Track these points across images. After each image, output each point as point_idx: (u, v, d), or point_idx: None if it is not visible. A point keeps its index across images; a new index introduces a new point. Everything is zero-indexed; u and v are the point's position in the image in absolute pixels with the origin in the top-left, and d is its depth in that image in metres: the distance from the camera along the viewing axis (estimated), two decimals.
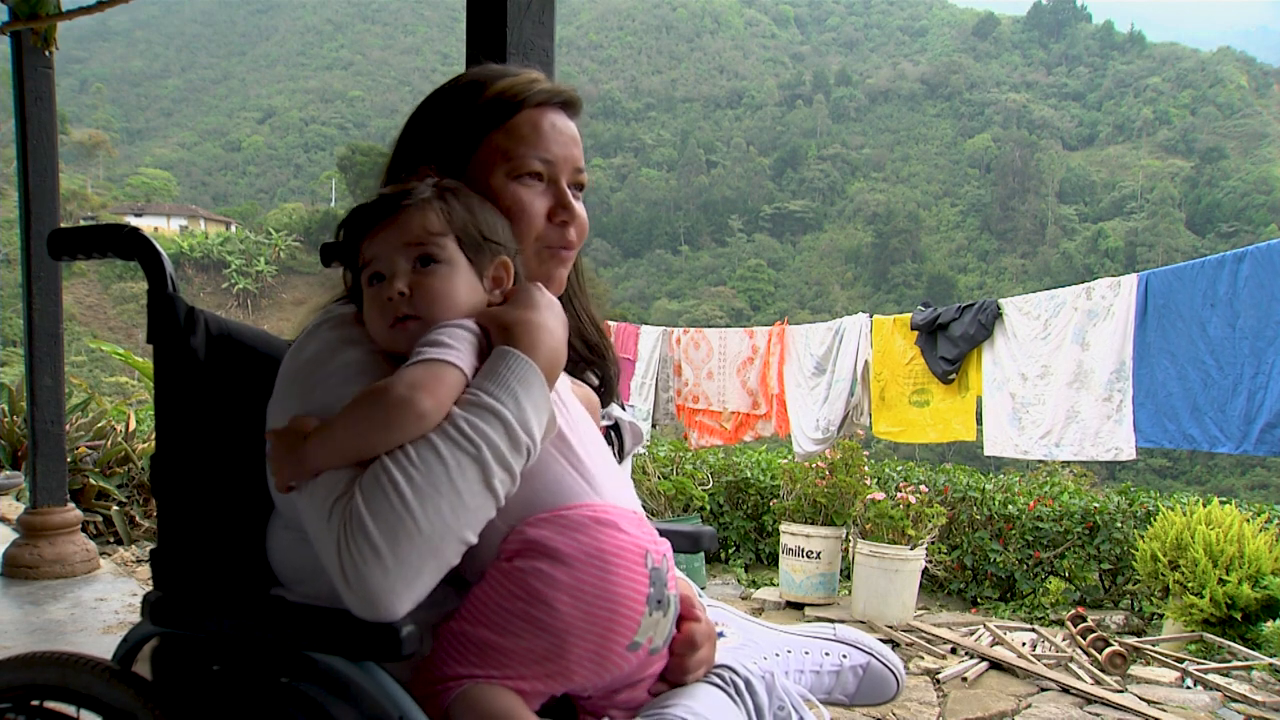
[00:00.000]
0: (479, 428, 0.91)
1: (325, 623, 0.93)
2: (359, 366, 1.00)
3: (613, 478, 1.05)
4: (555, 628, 0.92)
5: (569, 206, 1.14)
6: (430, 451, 0.90)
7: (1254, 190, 75.01)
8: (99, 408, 6.80)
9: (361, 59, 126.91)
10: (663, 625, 1.00)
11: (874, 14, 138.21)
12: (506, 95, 1.12)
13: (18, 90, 4.22)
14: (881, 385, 5.83)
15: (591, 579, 0.93)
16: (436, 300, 1.01)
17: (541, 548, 0.93)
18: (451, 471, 0.89)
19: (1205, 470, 39.95)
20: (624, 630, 0.95)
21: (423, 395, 0.91)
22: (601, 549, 0.94)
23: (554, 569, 0.92)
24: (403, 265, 1.02)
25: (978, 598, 6.41)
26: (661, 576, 0.98)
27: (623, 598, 0.94)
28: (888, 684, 1.42)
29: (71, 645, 2.64)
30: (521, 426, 0.93)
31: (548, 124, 1.14)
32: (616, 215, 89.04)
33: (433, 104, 1.17)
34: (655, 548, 0.99)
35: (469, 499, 0.90)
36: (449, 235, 1.03)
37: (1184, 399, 4.18)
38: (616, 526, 0.97)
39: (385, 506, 0.87)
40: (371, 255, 1.03)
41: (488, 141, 1.12)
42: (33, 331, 4.24)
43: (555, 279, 1.17)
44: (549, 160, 1.13)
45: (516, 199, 1.11)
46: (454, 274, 1.02)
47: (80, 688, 1.11)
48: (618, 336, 7.71)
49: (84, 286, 54.55)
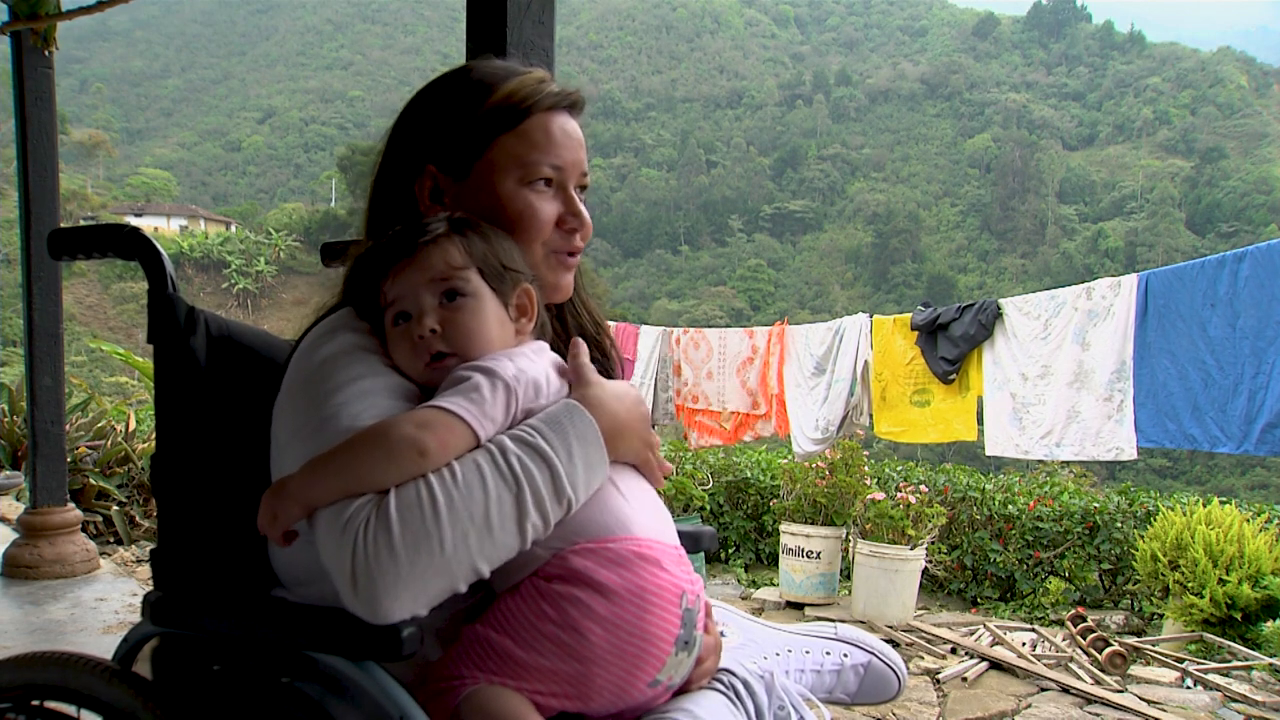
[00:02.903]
0: (527, 467, 0.91)
1: (326, 623, 0.93)
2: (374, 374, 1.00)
3: (654, 509, 1.05)
4: (583, 655, 0.92)
5: (579, 214, 1.14)
6: (476, 477, 0.90)
7: (1254, 190, 74.97)
8: (99, 408, 6.80)
9: (361, 59, 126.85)
10: (685, 664, 1.00)
11: (874, 14, 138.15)
12: (517, 98, 1.11)
13: (18, 90, 4.22)
14: (883, 385, 5.82)
15: (629, 615, 0.93)
16: (469, 335, 1.01)
17: (584, 577, 0.93)
18: (490, 502, 0.89)
19: (1205, 470, 39.93)
20: (650, 668, 0.95)
21: (430, 436, 0.90)
22: (643, 586, 0.94)
23: (593, 600, 0.92)
24: (429, 302, 1.01)
25: (978, 598, 6.41)
26: (693, 618, 0.99)
27: (654, 637, 0.94)
28: (889, 683, 1.41)
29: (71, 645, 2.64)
30: (569, 480, 0.93)
31: (558, 129, 1.13)
32: (616, 215, 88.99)
33: (433, 98, 1.14)
34: (691, 588, 0.99)
35: (498, 534, 0.90)
36: (471, 268, 1.02)
37: (1185, 399, 4.18)
38: (659, 564, 0.97)
39: (417, 518, 0.87)
40: (395, 295, 1.03)
41: (497, 144, 1.10)
42: (33, 331, 4.24)
43: (563, 286, 1.17)
44: (559, 166, 1.12)
45: (528, 205, 1.10)
46: (482, 306, 1.02)
47: (80, 688, 1.11)
48: (618, 336, 7.69)
49: (84, 286, 54.55)
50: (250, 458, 1.09)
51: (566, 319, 1.23)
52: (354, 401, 0.96)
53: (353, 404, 0.96)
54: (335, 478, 0.90)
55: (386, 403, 0.97)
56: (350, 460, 0.90)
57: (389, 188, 1.15)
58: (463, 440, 0.92)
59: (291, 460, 0.96)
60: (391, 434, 0.90)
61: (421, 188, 1.12)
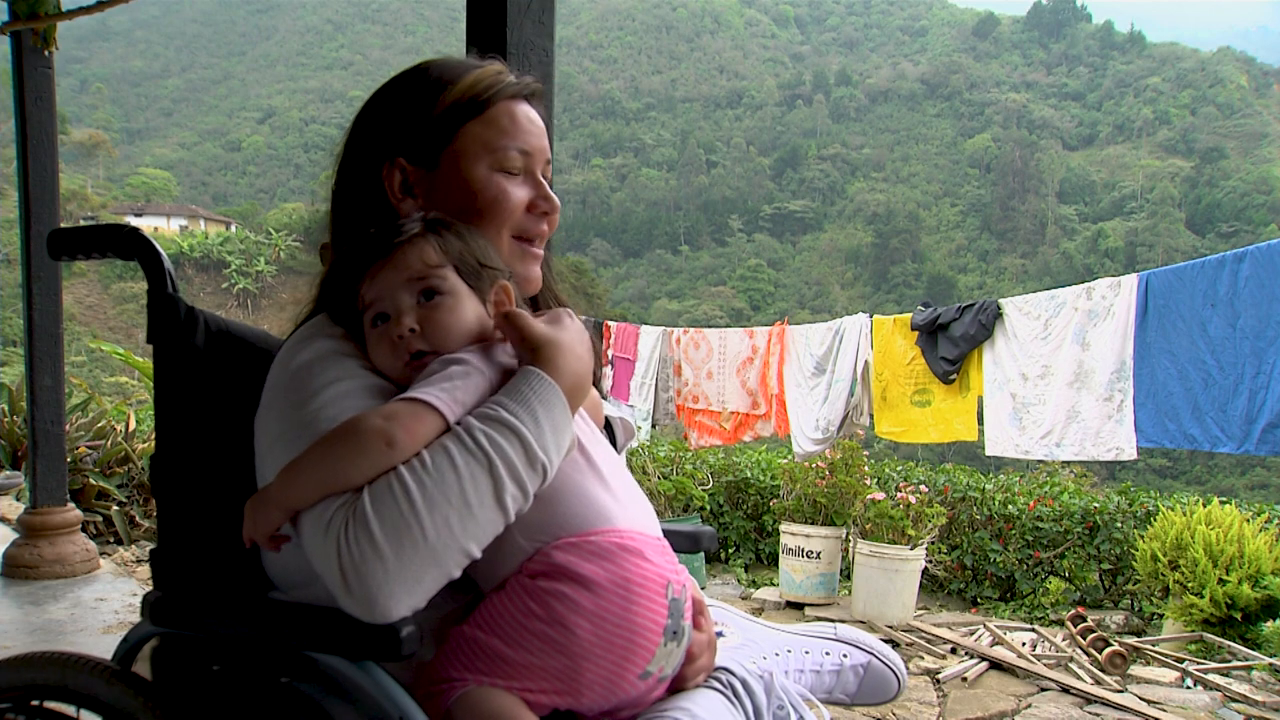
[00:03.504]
0: (495, 441, 0.91)
1: (325, 623, 0.93)
2: (351, 377, 1.00)
3: (636, 500, 1.05)
4: (571, 651, 0.92)
5: (549, 197, 1.16)
6: (445, 460, 0.89)
7: (1254, 190, 75.02)
8: (99, 408, 6.79)
9: (361, 59, 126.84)
10: (675, 655, 1.00)
11: (874, 14, 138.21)
12: (480, 88, 1.12)
13: (18, 90, 4.21)
14: (883, 385, 5.83)
15: (615, 607, 0.93)
16: (447, 332, 1.01)
17: (568, 572, 0.93)
18: (464, 482, 0.89)
19: (1205, 470, 39.95)
20: (639, 659, 0.95)
21: (396, 426, 0.90)
22: (627, 578, 0.94)
23: (578, 594, 0.92)
24: (407, 302, 1.01)
25: (978, 598, 6.41)
26: (679, 607, 0.99)
27: (641, 628, 0.94)
28: (889, 683, 1.41)
29: (71, 645, 2.64)
30: (539, 445, 0.92)
31: (523, 115, 1.14)
32: (616, 215, 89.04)
33: (393, 95, 1.15)
34: (676, 578, 0.99)
35: (478, 512, 0.89)
36: (448, 266, 1.03)
37: (1185, 399, 4.18)
38: (642, 555, 0.97)
39: (393, 509, 0.87)
40: (373, 297, 1.03)
41: (465, 131, 1.11)
42: (33, 331, 4.24)
43: (531, 279, 1.17)
44: (527, 152, 1.14)
45: (500, 189, 1.11)
46: (459, 304, 1.02)
47: (80, 688, 1.11)
48: (618, 337, 7.71)
49: (84, 286, 54.54)
50: (250, 458, 1.09)
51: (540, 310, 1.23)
52: (332, 405, 0.96)
53: (330, 407, 0.96)
54: (309, 478, 0.90)
55: (364, 404, 0.97)
56: (322, 458, 0.90)
57: (354, 186, 1.15)
58: (433, 428, 0.92)
59: (273, 468, 0.96)
60: (359, 428, 0.90)
61: (391, 181, 1.12)
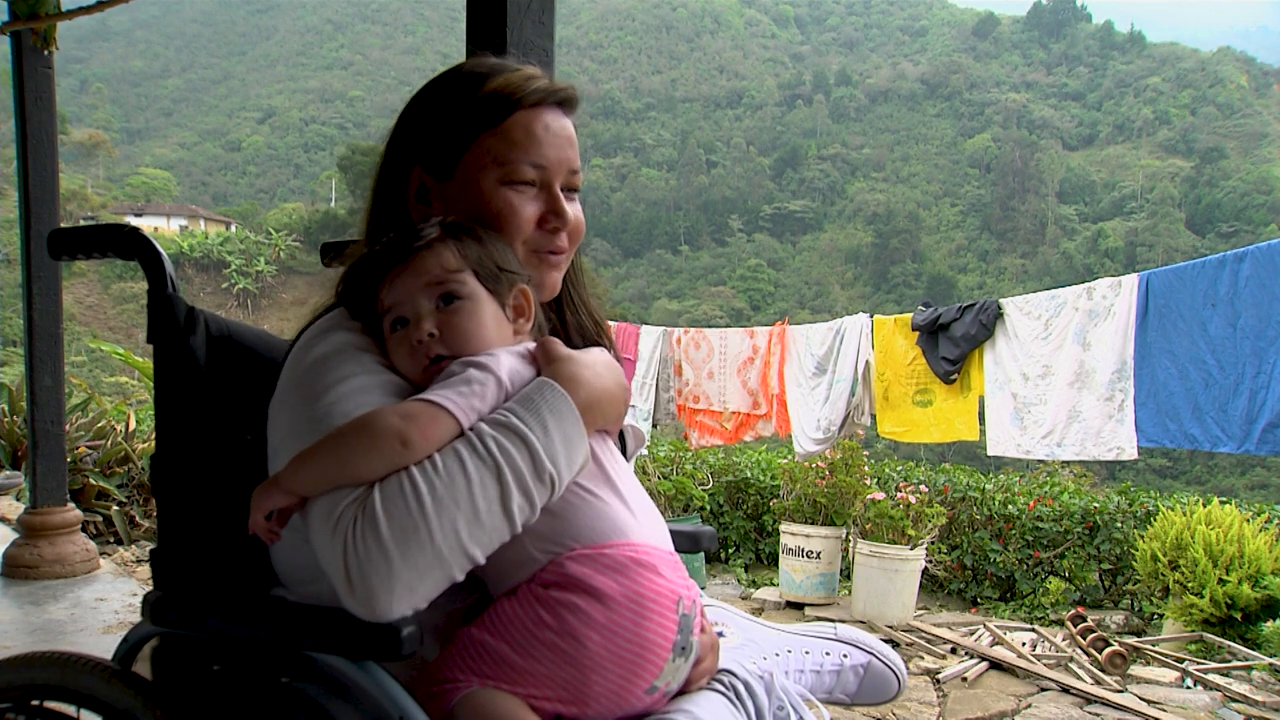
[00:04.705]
0: (504, 447, 0.91)
1: (326, 622, 0.93)
2: (366, 373, 1.00)
3: (650, 514, 1.06)
4: (581, 663, 0.92)
5: (561, 214, 1.12)
6: (455, 463, 0.90)
7: (1254, 190, 74.95)
8: (99, 408, 6.79)
9: (361, 59, 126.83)
10: (682, 670, 1.00)
11: (874, 14, 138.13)
12: (501, 95, 1.10)
13: (18, 90, 4.22)
14: (885, 386, 5.82)
15: (627, 622, 0.93)
16: (467, 337, 1.01)
17: (582, 584, 0.93)
18: (473, 486, 0.89)
19: (1205, 470, 39.93)
20: (647, 674, 0.95)
21: (413, 427, 0.90)
22: (640, 593, 0.94)
23: (591, 607, 0.92)
24: (426, 306, 1.02)
25: (978, 598, 6.41)
26: (689, 623, 0.99)
27: (652, 643, 0.94)
28: (889, 683, 1.41)
29: (71, 645, 2.64)
30: (547, 455, 0.92)
31: (541, 127, 1.11)
32: (616, 215, 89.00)
33: (426, 98, 1.15)
34: (687, 594, 0.99)
35: (485, 518, 0.89)
36: (466, 271, 1.03)
37: (1185, 399, 4.18)
38: (656, 570, 0.97)
39: (403, 510, 0.87)
40: (392, 301, 1.03)
41: (479, 143, 1.10)
42: (33, 331, 4.24)
43: (547, 284, 1.16)
44: (541, 165, 1.11)
45: (508, 204, 1.09)
46: (479, 308, 1.03)
47: (80, 688, 1.11)
48: (618, 337, 7.71)
49: (84, 286, 54.53)
50: (250, 458, 1.09)
51: (566, 318, 1.23)
52: (347, 399, 0.97)
53: (345, 402, 0.96)
54: (320, 467, 0.90)
55: (379, 400, 0.97)
56: (335, 450, 0.90)
57: (384, 189, 1.16)
58: (447, 431, 0.92)
59: (286, 458, 0.96)
60: (375, 424, 0.91)
61: (411, 188, 1.13)
